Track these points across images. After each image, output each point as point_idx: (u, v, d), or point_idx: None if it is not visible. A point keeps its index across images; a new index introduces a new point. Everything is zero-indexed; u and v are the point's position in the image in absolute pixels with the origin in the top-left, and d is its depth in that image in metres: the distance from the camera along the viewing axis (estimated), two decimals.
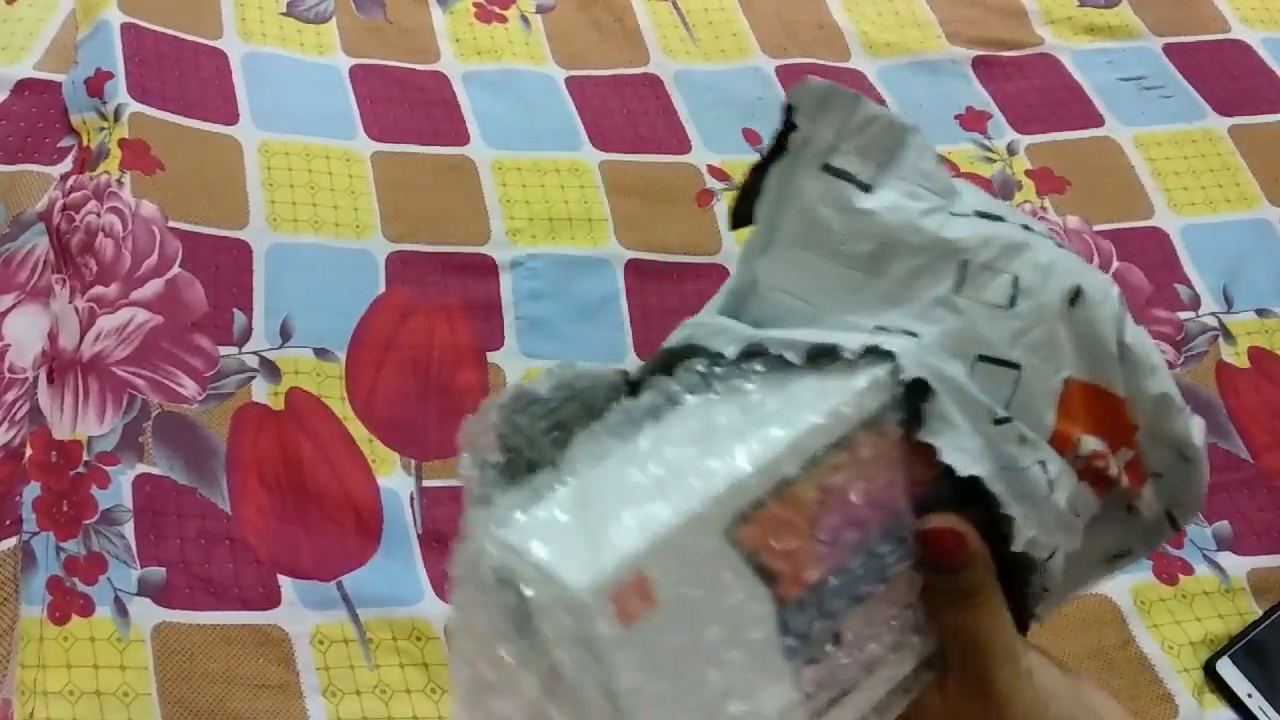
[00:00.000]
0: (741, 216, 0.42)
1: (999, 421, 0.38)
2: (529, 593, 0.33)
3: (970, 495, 0.38)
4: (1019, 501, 0.39)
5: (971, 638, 0.39)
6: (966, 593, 0.39)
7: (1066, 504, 0.40)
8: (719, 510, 0.34)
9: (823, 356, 0.38)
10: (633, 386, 0.40)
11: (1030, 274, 0.39)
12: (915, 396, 0.37)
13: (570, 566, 0.33)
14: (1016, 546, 0.39)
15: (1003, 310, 0.38)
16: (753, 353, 0.39)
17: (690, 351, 0.40)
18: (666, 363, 0.40)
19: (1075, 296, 0.39)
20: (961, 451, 0.37)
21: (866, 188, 0.39)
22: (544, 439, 0.38)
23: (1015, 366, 0.39)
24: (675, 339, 0.41)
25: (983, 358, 0.38)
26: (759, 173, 0.42)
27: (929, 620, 0.39)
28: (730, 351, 0.39)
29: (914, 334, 0.38)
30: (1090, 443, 0.40)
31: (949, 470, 0.38)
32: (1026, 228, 0.40)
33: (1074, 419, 0.40)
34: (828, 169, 0.40)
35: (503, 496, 0.36)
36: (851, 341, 0.38)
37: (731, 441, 0.36)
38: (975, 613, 0.39)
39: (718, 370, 0.38)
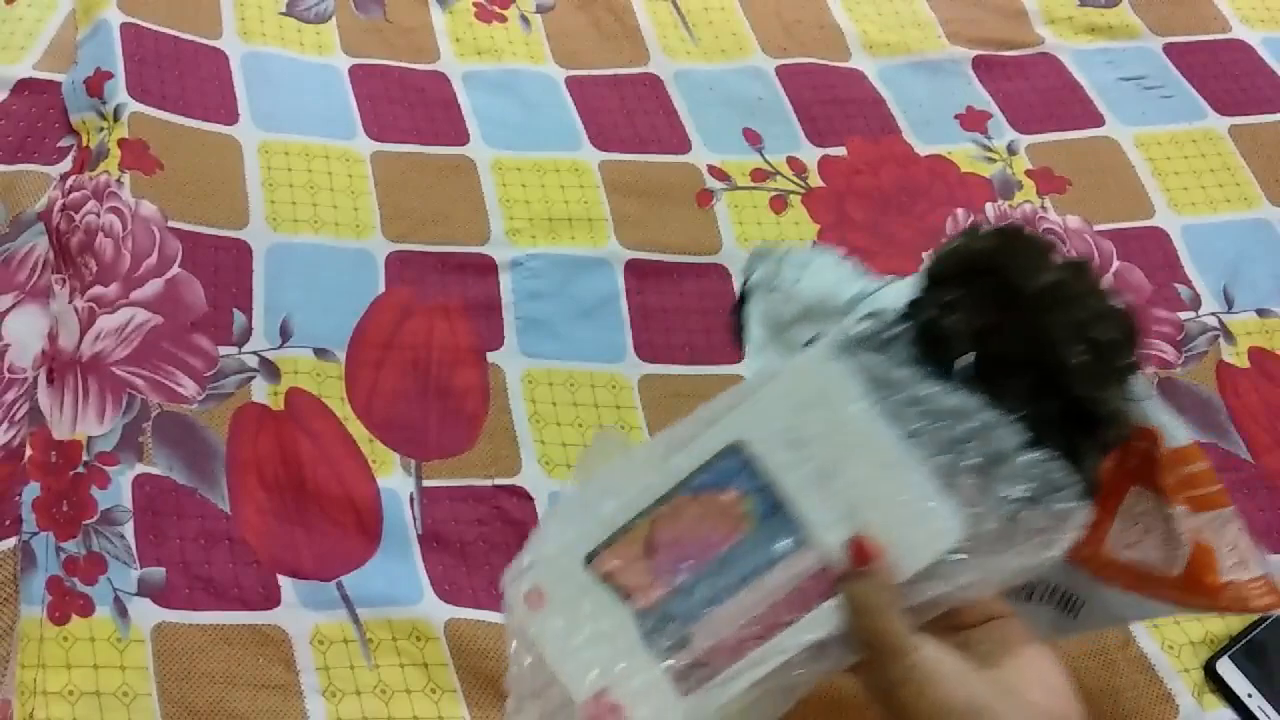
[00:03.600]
0: (739, 343, 0.65)
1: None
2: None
3: None
4: None
5: (865, 637, 0.51)
6: (865, 601, 0.51)
7: None
8: (578, 545, 0.55)
9: None
10: None
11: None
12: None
13: (516, 585, 0.57)
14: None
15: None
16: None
17: None
18: None
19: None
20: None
21: (795, 282, 0.62)
22: None
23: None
24: None
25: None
26: (738, 311, 0.65)
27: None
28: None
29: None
30: None
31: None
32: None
33: None
34: (772, 289, 0.63)
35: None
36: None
37: (622, 489, 0.56)
38: (869, 618, 0.51)
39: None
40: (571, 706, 0.53)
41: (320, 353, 0.99)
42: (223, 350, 0.96)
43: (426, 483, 0.94)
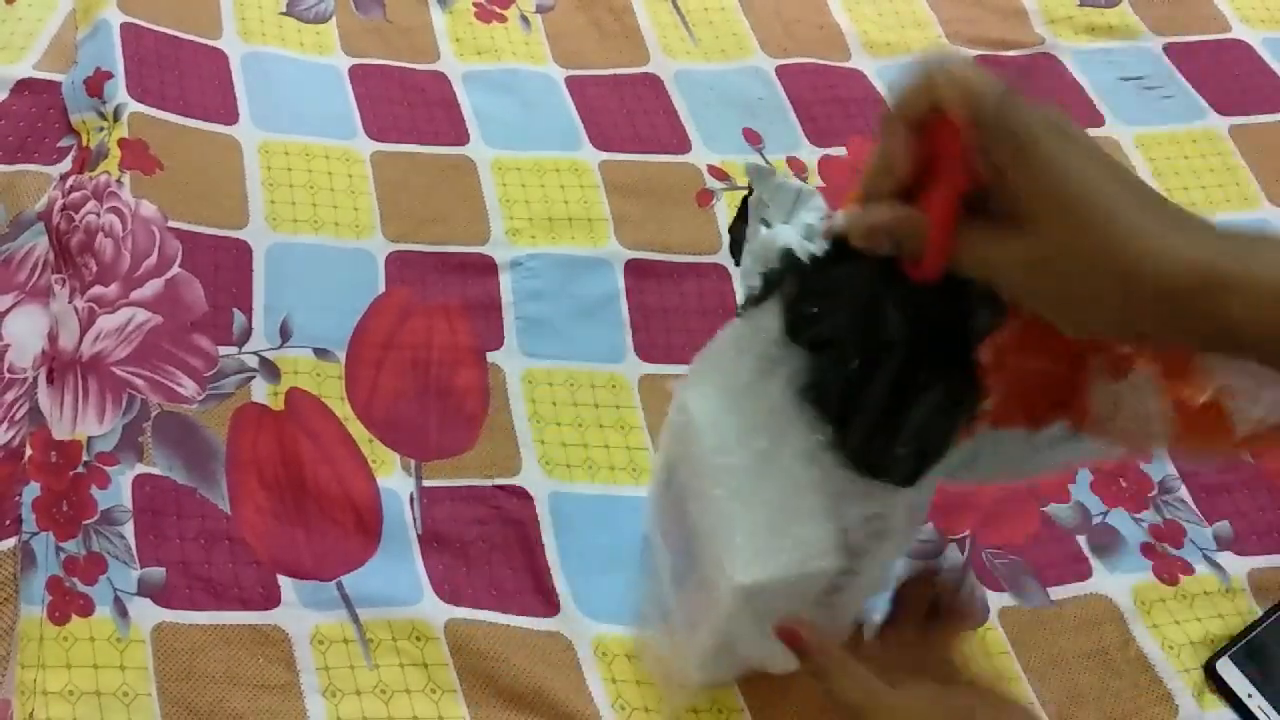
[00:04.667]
0: (736, 257, 0.67)
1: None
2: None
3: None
4: None
5: (833, 699, 0.63)
6: (817, 673, 0.64)
7: None
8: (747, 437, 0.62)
9: None
10: None
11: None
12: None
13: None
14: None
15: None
16: None
17: None
18: None
19: None
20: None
21: (778, 224, 0.63)
22: None
23: None
24: None
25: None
26: (739, 226, 0.66)
27: None
28: None
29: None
30: None
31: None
32: None
33: None
34: (761, 220, 0.64)
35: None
36: None
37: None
38: (828, 684, 0.63)
39: None
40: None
41: (320, 353, 0.99)
42: (223, 350, 0.96)
43: (426, 482, 0.94)
